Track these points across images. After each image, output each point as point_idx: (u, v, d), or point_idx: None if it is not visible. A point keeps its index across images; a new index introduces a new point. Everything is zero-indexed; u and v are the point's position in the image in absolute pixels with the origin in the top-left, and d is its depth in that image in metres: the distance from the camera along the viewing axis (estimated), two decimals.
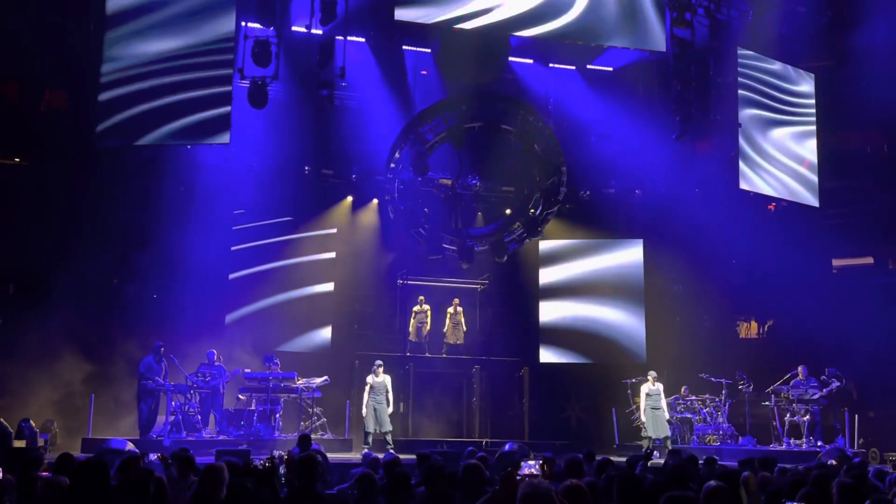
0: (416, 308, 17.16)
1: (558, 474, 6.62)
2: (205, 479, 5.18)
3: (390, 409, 13.62)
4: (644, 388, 14.66)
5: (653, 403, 14.51)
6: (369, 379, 13.65)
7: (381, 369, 13.66)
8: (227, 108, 12.74)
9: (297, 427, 14.42)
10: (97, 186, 14.58)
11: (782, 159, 16.04)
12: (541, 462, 6.17)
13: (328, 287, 16.81)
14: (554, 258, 18.30)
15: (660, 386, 14.53)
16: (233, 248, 16.13)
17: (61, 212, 14.55)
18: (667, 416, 14.41)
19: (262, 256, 16.39)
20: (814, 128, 16.42)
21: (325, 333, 16.68)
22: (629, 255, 18.04)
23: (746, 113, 15.44)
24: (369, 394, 13.53)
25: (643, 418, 14.38)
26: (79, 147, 13.85)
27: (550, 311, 18.11)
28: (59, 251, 14.02)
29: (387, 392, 13.63)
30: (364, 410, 13.53)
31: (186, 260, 15.23)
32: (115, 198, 14.92)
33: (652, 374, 14.68)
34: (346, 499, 5.82)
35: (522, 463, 6.30)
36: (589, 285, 18.08)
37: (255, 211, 16.39)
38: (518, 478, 5.09)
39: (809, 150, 16.35)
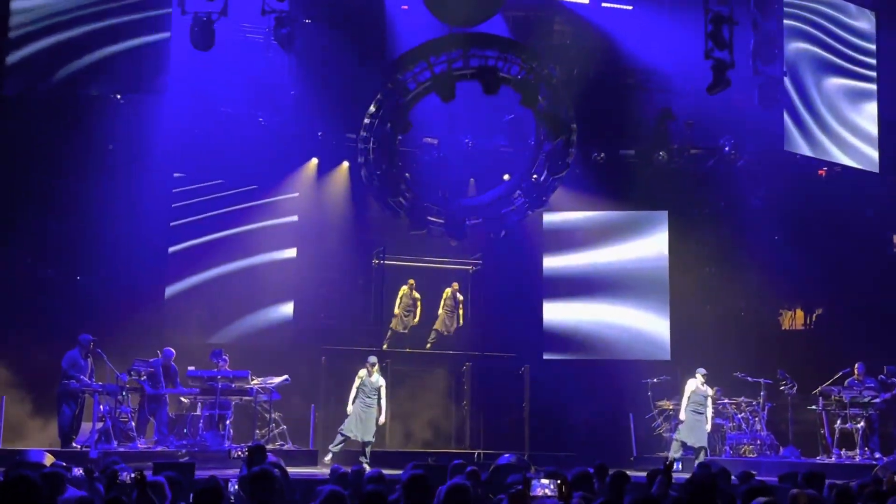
0: (404, 290, 17.09)
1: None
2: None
3: (381, 419, 13.67)
4: (690, 385, 14.70)
5: (697, 406, 14.59)
6: (361, 374, 13.83)
7: (375, 368, 13.71)
8: (165, 51, 12.65)
9: (251, 436, 14.44)
10: (4, 145, 14.45)
11: (836, 115, 16.06)
12: (558, 482, 6.17)
13: (290, 253, 16.93)
14: (561, 234, 18.30)
15: (709, 389, 14.64)
16: (172, 224, 16.17)
17: None
18: (708, 426, 14.51)
19: (209, 226, 16.41)
20: (874, 85, 16.39)
21: (286, 309, 16.78)
22: (651, 230, 18.07)
23: (793, 53, 15.40)
24: (357, 392, 13.53)
25: (682, 416, 14.51)
26: None
27: (556, 298, 18.16)
28: None
29: (379, 397, 13.65)
30: (350, 408, 13.68)
31: (117, 233, 15.15)
32: (27, 159, 14.77)
33: (702, 371, 14.72)
34: None
35: (534, 481, 6.29)
36: (603, 267, 18.13)
37: (199, 174, 16.36)
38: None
39: (868, 114, 16.35)
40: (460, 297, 17.43)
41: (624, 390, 16.98)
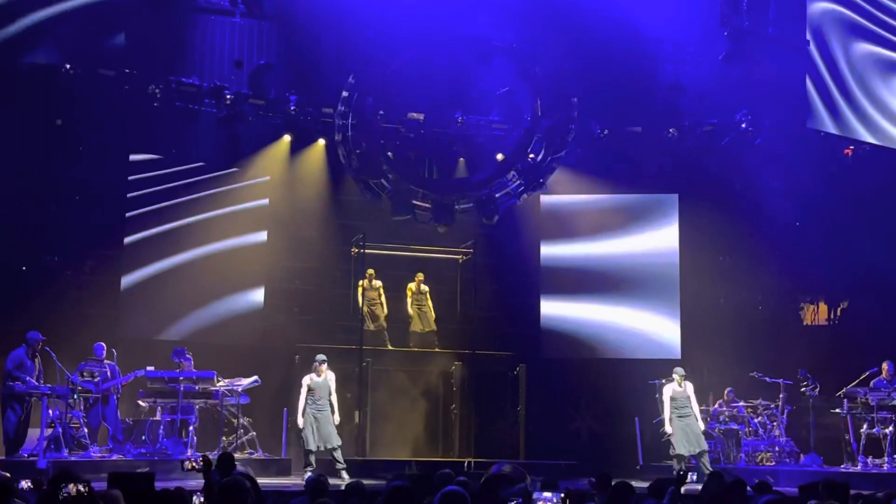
0: (363, 283, 17.12)
1: None
2: None
3: (336, 418, 13.64)
4: (667, 391, 14.58)
5: (680, 411, 14.41)
6: (306, 380, 13.61)
7: (324, 366, 13.64)
8: (119, 15, 12.59)
9: (216, 443, 14.45)
10: None
11: (865, 88, 16.13)
12: (562, 495, 6.22)
13: (259, 238, 17.02)
14: (561, 219, 18.33)
15: (689, 386, 14.59)
16: (128, 215, 16.16)
17: None
18: (700, 424, 14.53)
19: (170, 212, 16.43)
20: None
21: (256, 300, 16.87)
22: (660, 216, 18.14)
23: (818, 14, 15.39)
24: (307, 399, 13.52)
25: (668, 429, 14.54)
26: None
27: (555, 290, 18.21)
28: None
29: (329, 395, 13.63)
30: (301, 421, 13.51)
31: (67, 219, 15.09)
32: None
33: (679, 371, 14.65)
34: None
35: (535, 493, 6.34)
36: (606, 255, 18.20)
37: (158, 154, 16.35)
38: None
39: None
40: (425, 288, 17.39)
41: (629, 392, 17.00)
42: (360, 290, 16.91)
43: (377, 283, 17.08)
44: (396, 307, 17.54)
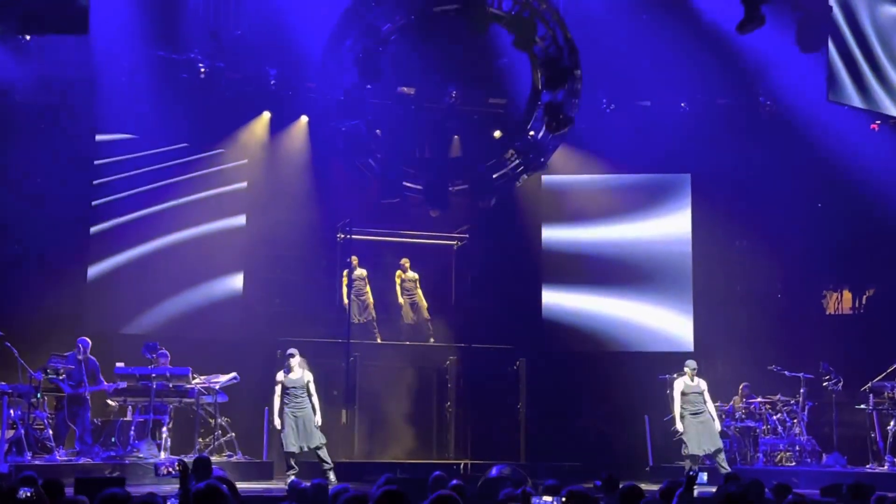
0: (347, 272, 17.10)
1: None
2: None
3: (318, 419, 13.59)
4: (678, 385, 14.54)
5: (693, 407, 14.39)
6: (279, 377, 13.57)
7: (295, 360, 13.55)
8: None
9: (192, 445, 14.41)
10: None
11: (893, 57, 16.03)
12: (563, 499, 6.18)
13: (237, 222, 17.08)
14: (564, 201, 18.36)
15: (702, 382, 14.60)
16: (94, 203, 16.20)
17: None
18: (717, 424, 14.53)
19: (142, 198, 16.45)
20: None
21: (234, 289, 16.91)
22: (671, 197, 18.15)
23: None
24: (282, 398, 13.47)
25: (679, 427, 14.52)
26: None
27: (558, 279, 18.21)
28: None
29: (309, 395, 13.57)
30: (278, 422, 13.47)
31: (28, 204, 15.01)
32: None
33: (690, 364, 14.60)
34: None
35: (534, 500, 6.31)
36: (612, 241, 18.20)
37: (127, 132, 16.33)
38: None
39: None
40: (414, 276, 17.43)
41: (638, 388, 17.01)
42: (344, 279, 16.88)
43: (362, 270, 17.07)
44: (388, 297, 17.56)
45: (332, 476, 13.06)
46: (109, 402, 14.45)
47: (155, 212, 16.51)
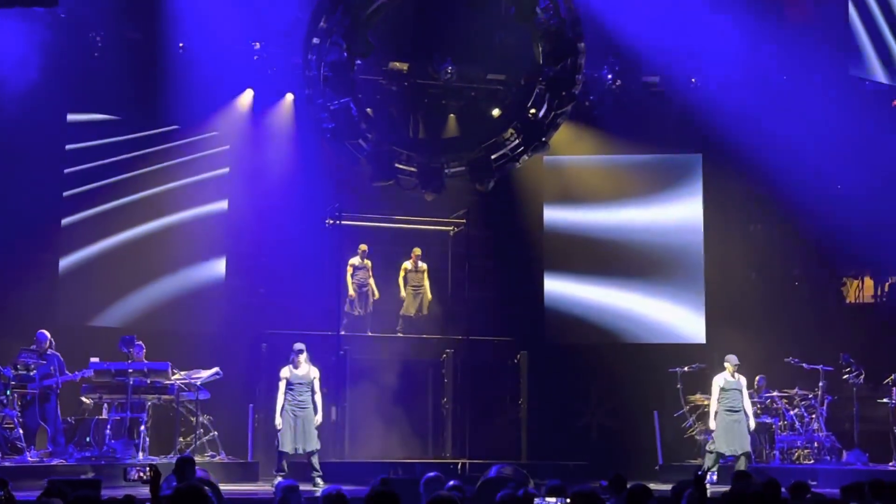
0: (353, 261, 17.18)
1: None
2: None
3: (318, 419, 13.68)
4: (719, 381, 14.65)
5: (730, 404, 14.50)
6: (284, 372, 13.65)
7: (302, 357, 13.67)
8: None
9: (172, 445, 14.45)
10: None
11: None
12: (568, 500, 6.25)
13: (219, 207, 17.13)
14: (567, 183, 18.38)
15: (742, 379, 14.70)
16: (66, 194, 16.22)
17: None
18: (752, 423, 14.65)
19: (118, 187, 16.46)
20: None
21: (218, 271, 16.97)
22: (681, 178, 18.20)
23: None
24: (285, 395, 13.56)
25: (712, 424, 14.63)
26: None
27: (561, 266, 18.27)
28: None
29: (313, 392, 13.67)
30: (278, 421, 13.56)
31: None
32: None
33: (731, 359, 14.70)
34: None
35: (537, 500, 6.38)
36: (619, 225, 18.26)
37: (100, 112, 16.32)
38: None
39: None
40: (423, 267, 17.49)
41: (647, 382, 17.11)
42: (349, 269, 16.93)
43: (367, 262, 17.18)
44: (379, 287, 17.56)
45: (319, 482, 13.13)
46: (84, 399, 14.44)
47: (130, 198, 16.53)
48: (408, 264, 17.47)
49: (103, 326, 15.94)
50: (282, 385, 13.60)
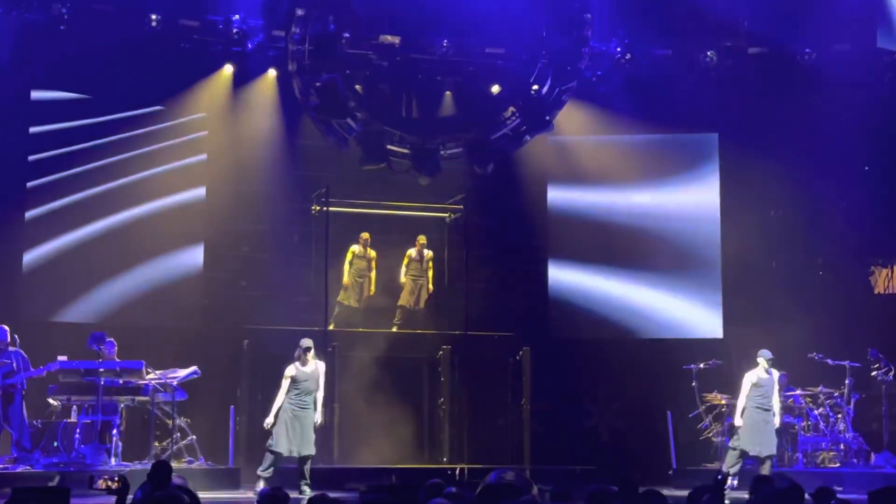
0: (354, 249, 17.15)
1: None
2: None
3: (318, 417, 13.67)
4: (751, 377, 14.53)
5: (761, 401, 14.42)
6: (290, 370, 13.56)
7: (310, 354, 13.62)
8: None
9: (147, 450, 14.40)
10: None
11: None
12: None
13: (196, 194, 17.12)
14: (572, 166, 18.33)
15: (776, 374, 14.68)
16: (30, 184, 16.16)
17: None
18: (777, 419, 14.57)
19: (88, 176, 16.46)
20: None
21: (195, 262, 16.97)
22: (696, 160, 18.19)
23: None
24: (288, 393, 13.52)
25: (738, 421, 14.58)
26: None
27: (566, 253, 18.27)
28: None
29: (316, 390, 13.64)
30: (269, 420, 13.52)
31: None
32: None
33: (765, 354, 14.54)
34: None
35: None
36: (629, 210, 18.25)
37: (66, 91, 16.28)
38: None
39: None
40: (428, 255, 17.47)
41: (660, 380, 17.14)
42: (348, 256, 16.96)
43: (371, 252, 17.18)
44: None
45: (307, 490, 13.11)
46: (51, 401, 14.37)
47: (102, 188, 16.52)
48: (412, 252, 17.43)
49: (71, 322, 15.93)
50: (285, 384, 13.50)
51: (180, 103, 17.10)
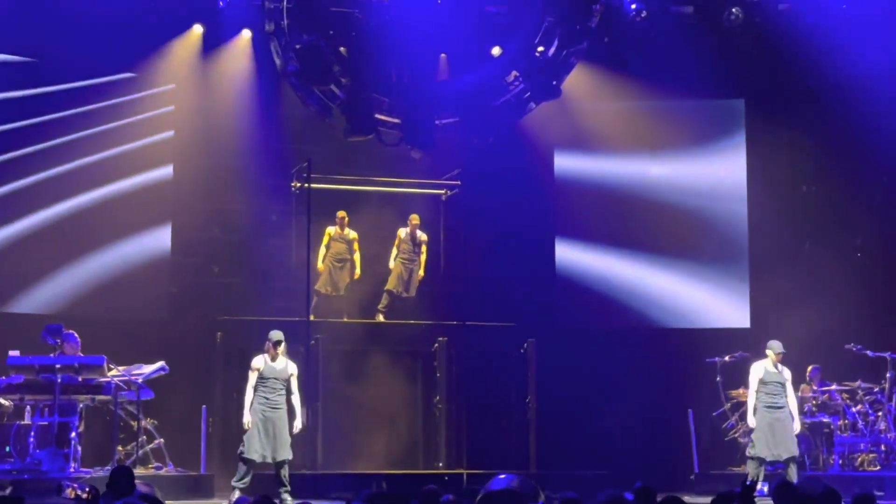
0: (330, 230, 17.14)
1: None
2: None
3: (298, 424, 13.60)
4: (757, 370, 14.39)
5: (770, 399, 14.25)
6: (257, 362, 13.48)
7: (281, 348, 13.51)
8: None
9: (110, 455, 14.35)
10: None
11: None
12: None
13: (162, 173, 17.12)
14: (582, 137, 18.35)
15: (786, 371, 14.49)
16: None
17: None
18: (796, 423, 14.50)
19: (43, 156, 16.44)
20: None
21: (162, 246, 16.98)
22: (720, 129, 18.23)
23: None
24: (256, 392, 13.41)
25: (752, 422, 14.46)
26: None
27: (575, 233, 18.31)
28: None
29: (289, 392, 13.53)
30: (247, 420, 13.38)
31: None
32: None
33: (774, 346, 14.39)
34: None
35: None
36: (645, 185, 18.29)
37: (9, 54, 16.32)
38: None
39: None
40: (422, 237, 17.46)
41: (680, 375, 17.18)
42: (324, 238, 17.01)
43: (350, 233, 17.19)
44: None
45: (288, 499, 13.10)
46: (1, 401, 14.27)
47: (54, 170, 16.52)
48: (402, 232, 17.42)
49: (23, 313, 15.92)
50: (252, 377, 13.42)
51: (141, 71, 17.07)
